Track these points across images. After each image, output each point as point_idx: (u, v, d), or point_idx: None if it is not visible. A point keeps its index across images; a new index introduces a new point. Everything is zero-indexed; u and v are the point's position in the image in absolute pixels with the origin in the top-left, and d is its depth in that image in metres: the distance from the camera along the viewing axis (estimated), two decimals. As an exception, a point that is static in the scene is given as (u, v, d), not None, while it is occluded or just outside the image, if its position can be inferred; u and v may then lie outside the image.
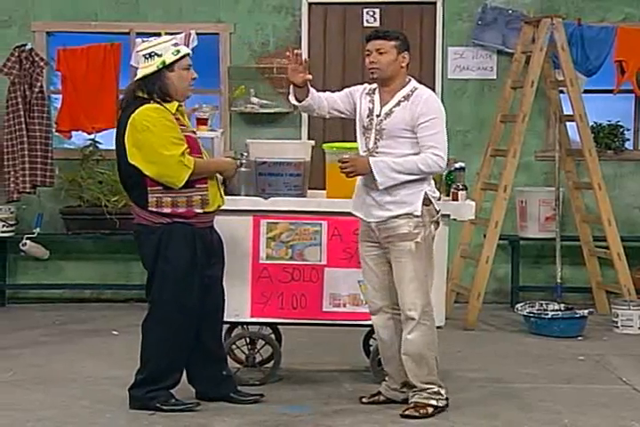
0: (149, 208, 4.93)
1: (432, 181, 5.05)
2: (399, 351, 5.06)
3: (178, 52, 4.96)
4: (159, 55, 4.93)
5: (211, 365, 5.16)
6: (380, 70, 4.96)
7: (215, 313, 5.16)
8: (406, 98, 4.93)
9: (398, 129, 4.91)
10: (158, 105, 4.92)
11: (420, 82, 5.11)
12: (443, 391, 5.04)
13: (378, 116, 4.97)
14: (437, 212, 5.01)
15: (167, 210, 4.92)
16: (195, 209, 4.93)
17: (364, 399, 5.23)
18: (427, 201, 4.94)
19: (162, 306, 5.00)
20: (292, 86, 5.08)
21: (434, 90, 7.95)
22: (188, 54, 5.02)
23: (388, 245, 4.98)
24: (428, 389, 5.00)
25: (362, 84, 5.17)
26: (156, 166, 4.86)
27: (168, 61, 4.94)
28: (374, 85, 5.08)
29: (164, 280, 4.97)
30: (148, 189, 4.91)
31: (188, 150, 4.88)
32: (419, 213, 4.91)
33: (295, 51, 5.01)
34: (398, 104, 4.94)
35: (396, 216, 4.92)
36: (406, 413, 4.96)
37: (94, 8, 8.31)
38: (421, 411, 4.96)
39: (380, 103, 5.00)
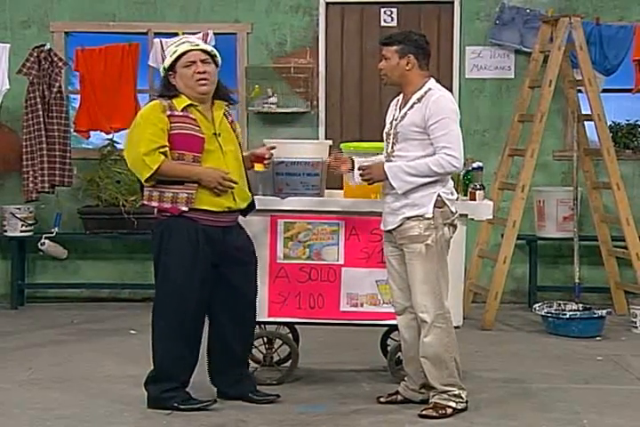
0: (143, 201, 5.04)
1: (449, 183, 5.03)
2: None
3: (174, 52, 4.96)
4: (165, 59, 5.01)
5: (234, 367, 5.19)
6: (386, 76, 5.04)
7: (242, 316, 5.15)
8: (419, 100, 4.95)
9: (410, 131, 4.93)
10: (159, 101, 4.97)
11: (438, 81, 5.10)
12: (463, 394, 5.03)
13: (396, 120, 5.01)
14: (453, 213, 4.99)
15: (155, 204, 4.97)
16: (180, 206, 4.92)
17: (381, 399, 5.23)
18: (439, 203, 4.93)
19: (162, 299, 5.04)
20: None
21: (451, 89, 8.01)
22: (193, 50, 4.94)
23: (403, 247, 4.99)
24: (449, 391, 4.99)
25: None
26: (129, 159, 4.99)
27: (167, 65, 4.99)
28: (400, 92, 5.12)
29: (164, 273, 5.01)
30: (144, 182, 4.99)
31: (162, 149, 4.87)
32: (430, 216, 4.91)
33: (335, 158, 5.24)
34: (412, 107, 4.96)
35: (408, 218, 4.93)
36: (424, 413, 4.96)
37: (112, 8, 8.33)
38: (440, 412, 4.95)
39: (400, 108, 5.04)
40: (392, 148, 5.01)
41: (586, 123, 7.88)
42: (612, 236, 7.92)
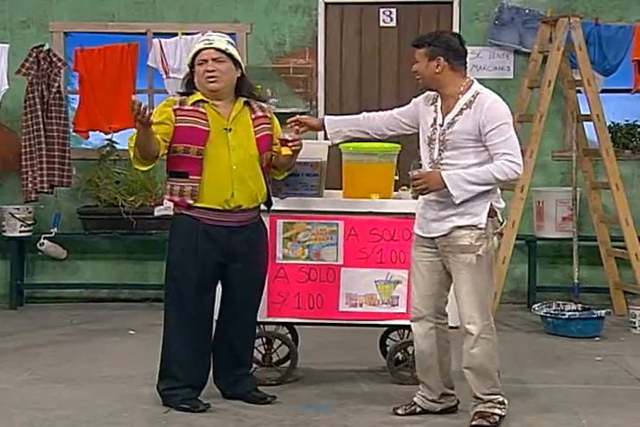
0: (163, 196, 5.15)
1: (498, 190, 4.85)
2: (439, 362, 4.94)
3: (193, 49, 5.05)
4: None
5: (236, 367, 5.19)
6: (420, 79, 4.82)
7: (243, 316, 5.15)
8: (468, 105, 4.71)
9: (462, 139, 4.71)
10: (172, 97, 5.10)
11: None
12: (506, 401, 4.90)
13: (441, 125, 4.77)
14: (501, 223, 4.85)
15: (167, 197, 5.02)
16: (186, 200, 4.94)
17: (399, 411, 5.01)
18: (492, 212, 4.75)
19: (166, 298, 5.08)
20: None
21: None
22: (207, 48, 4.95)
23: (448, 255, 4.79)
24: (493, 399, 4.85)
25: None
26: None
27: (188, 62, 5.07)
28: (435, 93, 4.87)
29: (167, 271, 5.06)
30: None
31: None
32: (483, 226, 4.71)
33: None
34: (461, 113, 4.72)
35: (458, 227, 4.73)
36: (474, 423, 4.80)
37: (112, 8, 8.33)
38: (490, 420, 4.79)
39: (442, 112, 4.79)
40: (439, 155, 4.77)
41: (585, 123, 7.89)
42: (611, 236, 7.92)
